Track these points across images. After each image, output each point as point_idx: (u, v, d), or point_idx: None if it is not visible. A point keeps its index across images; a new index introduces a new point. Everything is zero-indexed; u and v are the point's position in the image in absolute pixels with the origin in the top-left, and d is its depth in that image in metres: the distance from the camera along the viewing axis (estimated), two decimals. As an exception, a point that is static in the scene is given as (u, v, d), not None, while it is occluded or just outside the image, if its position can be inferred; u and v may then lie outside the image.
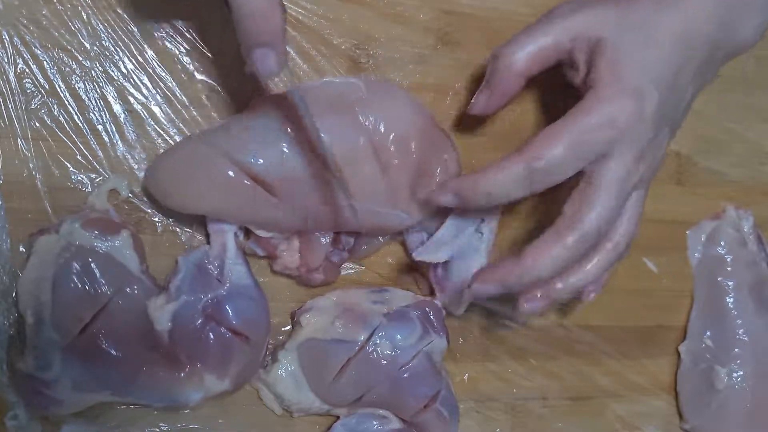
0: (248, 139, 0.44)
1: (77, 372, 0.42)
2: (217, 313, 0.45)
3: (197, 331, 0.45)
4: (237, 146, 0.44)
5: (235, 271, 0.46)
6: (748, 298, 0.58)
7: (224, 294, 0.46)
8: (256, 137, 0.44)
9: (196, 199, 0.45)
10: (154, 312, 0.44)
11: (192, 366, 0.45)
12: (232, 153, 0.44)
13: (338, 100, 0.46)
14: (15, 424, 0.44)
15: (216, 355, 0.45)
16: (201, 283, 0.46)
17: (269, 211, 0.45)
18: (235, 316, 0.45)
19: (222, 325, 0.45)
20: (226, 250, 0.46)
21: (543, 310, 0.45)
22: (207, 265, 0.46)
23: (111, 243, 0.44)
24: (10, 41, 0.44)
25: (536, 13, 0.54)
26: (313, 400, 0.48)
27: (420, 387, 0.48)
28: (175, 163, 0.45)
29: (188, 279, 0.45)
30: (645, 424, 0.58)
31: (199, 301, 0.45)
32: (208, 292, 0.45)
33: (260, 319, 0.47)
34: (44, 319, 0.42)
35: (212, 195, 0.44)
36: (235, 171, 0.44)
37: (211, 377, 0.45)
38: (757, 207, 0.60)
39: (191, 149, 0.45)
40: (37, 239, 0.44)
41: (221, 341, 0.45)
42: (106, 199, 0.46)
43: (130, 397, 0.44)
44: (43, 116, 0.45)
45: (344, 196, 0.45)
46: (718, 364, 0.56)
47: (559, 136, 0.42)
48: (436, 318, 0.49)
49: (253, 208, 0.45)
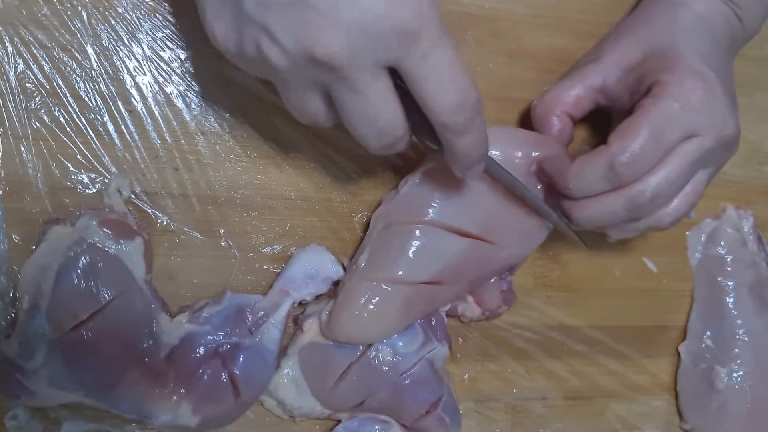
0: (434, 198, 0.47)
1: (57, 368, 0.42)
2: (229, 355, 0.45)
3: (200, 360, 0.45)
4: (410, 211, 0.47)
5: (270, 332, 0.47)
6: (748, 298, 0.58)
7: (247, 344, 0.46)
8: (438, 197, 0.47)
9: (382, 329, 0.47)
10: (168, 325, 0.44)
11: (176, 388, 0.44)
12: (390, 270, 0.47)
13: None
14: (15, 424, 0.44)
15: (203, 390, 0.45)
16: (232, 324, 0.46)
17: (443, 297, 0.49)
18: (243, 368, 0.45)
19: (226, 368, 0.45)
20: (277, 310, 0.47)
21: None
22: (247, 314, 0.46)
23: (123, 247, 0.44)
24: (11, 41, 0.44)
25: (536, 13, 0.54)
26: (314, 404, 0.48)
27: (421, 393, 0.49)
28: (355, 306, 0.46)
29: (224, 314, 0.46)
30: (645, 424, 0.58)
31: (218, 339, 0.45)
32: (232, 336, 0.46)
33: (260, 384, 0.47)
34: (40, 308, 0.42)
35: (393, 319, 0.47)
36: (395, 287, 0.46)
37: (187, 407, 0.45)
38: (757, 207, 0.60)
39: (362, 290, 0.46)
40: (52, 228, 0.44)
41: (215, 381, 0.45)
42: (122, 202, 0.46)
43: (104, 402, 0.44)
44: (43, 116, 0.45)
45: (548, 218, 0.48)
46: (718, 364, 0.56)
47: (637, 129, 0.43)
48: (438, 325, 0.50)
49: (429, 305, 0.49)
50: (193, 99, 0.47)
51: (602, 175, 0.44)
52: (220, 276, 0.48)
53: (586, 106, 0.49)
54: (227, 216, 0.48)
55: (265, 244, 0.49)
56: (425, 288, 0.47)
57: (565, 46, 0.55)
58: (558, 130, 0.49)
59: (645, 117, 0.44)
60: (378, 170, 0.51)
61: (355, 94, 0.37)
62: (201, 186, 0.48)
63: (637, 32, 0.48)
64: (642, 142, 0.43)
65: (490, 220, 0.47)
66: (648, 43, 0.47)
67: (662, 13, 0.49)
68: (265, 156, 0.49)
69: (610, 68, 0.48)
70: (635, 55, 0.47)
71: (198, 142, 0.48)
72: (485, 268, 0.49)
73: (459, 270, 0.48)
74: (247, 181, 0.49)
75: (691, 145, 0.44)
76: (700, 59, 0.45)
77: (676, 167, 0.44)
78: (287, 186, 0.49)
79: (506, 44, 0.54)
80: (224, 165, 0.48)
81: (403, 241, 0.47)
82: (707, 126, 0.44)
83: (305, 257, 0.48)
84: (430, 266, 0.47)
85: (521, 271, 0.54)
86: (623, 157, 0.43)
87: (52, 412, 0.45)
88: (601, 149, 0.44)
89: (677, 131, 0.43)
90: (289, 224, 0.49)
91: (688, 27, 0.47)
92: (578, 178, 0.44)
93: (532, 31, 0.54)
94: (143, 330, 0.44)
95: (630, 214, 0.45)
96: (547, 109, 0.49)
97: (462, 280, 0.48)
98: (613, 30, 0.52)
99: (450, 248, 0.47)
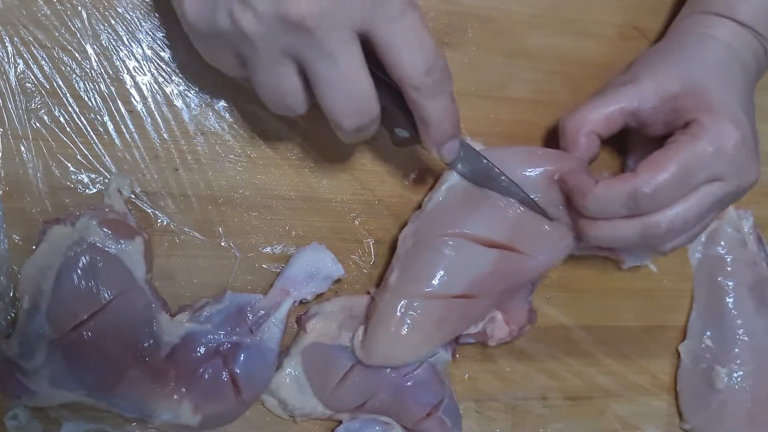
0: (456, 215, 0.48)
1: (58, 368, 0.42)
2: (230, 354, 0.45)
3: (201, 359, 0.45)
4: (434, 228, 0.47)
5: (270, 331, 0.47)
6: (748, 298, 0.58)
7: (248, 343, 0.46)
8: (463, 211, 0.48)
9: (419, 347, 0.47)
10: (168, 324, 0.44)
11: (177, 387, 0.44)
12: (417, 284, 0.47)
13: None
14: (15, 424, 0.44)
15: (203, 389, 0.45)
16: (233, 323, 0.46)
17: (475, 312, 0.49)
18: (243, 367, 0.46)
19: (226, 367, 0.45)
20: (277, 309, 0.47)
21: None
22: (248, 313, 0.46)
23: (123, 246, 0.44)
24: (11, 41, 0.44)
25: (536, 13, 0.54)
26: (316, 405, 0.48)
27: (423, 395, 0.49)
28: (390, 324, 0.46)
29: (224, 314, 0.46)
30: (645, 424, 0.58)
31: (218, 338, 0.45)
32: (233, 335, 0.46)
33: (261, 383, 0.47)
34: (40, 308, 0.42)
35: (429, 336, 0.47)
36: (428, 302, 0.46)
37: (188, 406, 0.45)
38: (757, 207, 0.60)
39: (397, 306, 0.46)
40: (51, 227, 0.44)
41: (216, 380, 0.45)
42: (123, 202, 0.46)
43: (105, 402, 0.44)
44: (43, 116, 0.45)
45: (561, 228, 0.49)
46: (718, 364, 0.56)
47: (667, 164, 0.44)
48: None
49: (463, 320, 0.49)
50: (193, 99, 0.47)
51: (623, 203, 0.44)
52: (220, 276, 0.48)
53: (615, 127, 0.50)
54: (227, 216, 0.48)
55: (265, 243, 0.49)
56: (458, 302, 0.47)
57: (564, 46, 0.55)
58: (585, 149, 0.49)
59: (678, 155, 0.44)
60: (378, 170, 0.51)
61: (328, 60, 0.37)
62: (201, 186, 0.48)
63: (675, 62, 0.49)
64: (669, 178, 0.43)
65: (516, 230, 0.48)
66: (684, 75, 0.48)
67: (696, 46, 0.49)
68: (264, 156, 0.49)
69: (648, 94, 0.48)
70: (673, 86, 0.47)
71: (198, 142, 0.48)
72: (514, 279, 0.49)
73: (489, 282, 0.48)
74: (247, 181, 0.49)
75: (713, 187, 0.45)
76: (736, 101, 0.46)
77: (695, 206, 0.45)
78: (287, 186, 0.49)
79: (506, 44, 0.54)
80: (224, 165, 0.48)
81: (433, 255, 0.47)
82: (733, 173, 0.45)
83: (305, 256, 0.48)
84: (461, 279, 0.47)
85: (521, 271, 0.55)
86: (647, 188, 0.43)
87: (52, 412, 0.45)
88: (627, 177, 0.44)
89: (705, 174, 0.44)
90: (289, 224, 0.49)
91: (723, 64, 0.48)
92: (598, 200, 0.45)
93: (532, 31, 0.54)
94: (143, 329, 0.44)
95: (642, 241, 0.45)
96: (576, 127, 0.49)
97: (492, 292, 0.48)
98: (646, 54, 0.52)
99: (480, 260, 0.47)
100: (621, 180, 0.44)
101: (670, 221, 0.44)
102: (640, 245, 0.47)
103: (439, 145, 0.43)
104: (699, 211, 0.45)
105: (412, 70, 0.39)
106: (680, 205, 0.44)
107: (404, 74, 0.39)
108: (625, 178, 0.44)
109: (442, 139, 0.43)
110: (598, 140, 0.50)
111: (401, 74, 0.39)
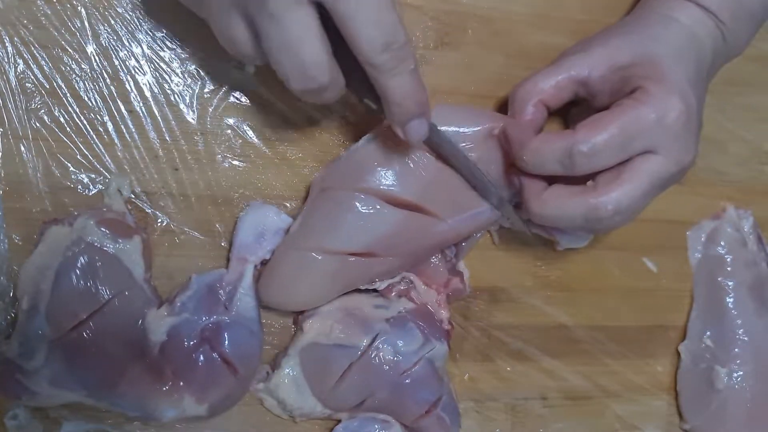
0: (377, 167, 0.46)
1: (58, 368, 0.42)
2: (214, 337, 0.45)
3: (190, 350, 0.45)
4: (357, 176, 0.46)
5: (243, 302, 0.46)
6: (748, 298, 0.58)
7: (227, 321, 0.46)
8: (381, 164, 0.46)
9: (312, 298, 0.47)
10: (153, 322, 0.44)
11: (175, 383, 0.44)
12: (324, 242, 0.46)
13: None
14: (15, 423, 0.44)
15: (201, 378, 0.45)
16: (207, 305, 0.46)
17: (377, 270, 0.48)
18: (231, 345, 0.45)
19: (215, 351, 0.45)
20: (242, 279, 0.47)
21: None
22: (218, 289, 0.46)
23: (121, 246, 0.44)
24: (11, 41, 0.44)
25: (536, 12, 0.54)
26: (314, 404, 0.48)
27: (422, 392, 0.48)
28: (282, 275, 0.46)
29: (196, 298, 0.46)
30: (645, 424, 0.58)
31: (200, 322, 0.45)
32: (211, 315, 0.46)
33: (253, 355, 0.47)
34: (39, 308, 0.42)
35: (323, 288, 0.47)
36: (325, 256, 0.45)
37: (191, 399, 0.45)
38: (757, 207, 0.60)
39: (290, 259, 0.46)
40: (50, 228, 0.44)
41: (210, 366, 0.45)
42: (122, 201, 0.46)
43: (106, 401, 0.44)
44: (43, 116, 0.45)
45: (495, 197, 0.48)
46: (718, 364, 0.56)
47: (607, 125, 0.43)
48: (437, 324, 0.49)
49: (362, 276, 0.48)
50: (193, 99, 0.47)
51: (558, 158, 0.44)
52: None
53: (564, 97, 0.49)
54: (226, 216, 0.48)
55: (264, 243, 0.49)
56: (357, 259, 0.46)
57: (564, 46, 0.55)
58: (531, 118, 0.48)
59: (619, 117, 0.43)
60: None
61: (272, 21, 0.37)
62: (200, 186, 0.48)
63: (630, 35, 0.48)
64: (607, 138, 0.43)
65: (430, 190, 0.46)
66: (639, 49, 0.47)
67: (656, 25, 0.49)
68: (264, 156, 0.49)
69: (598, 62, 0.47)
70: (625, 57, 0.47)
71: (198, 142, 0.48)
72: (421, 241, 0.48)
73: (393, 242, 0.46)
74: (247, 181, 0.49)
75: (652, 163, 0.44)
76: (686, 80, 0.45)
77: (640, 186, 0.44)
78: (286, 186, 0.49)
79: (506, 44, 0.54)
80: (223, 165, 0.48)
81: (335, 208, 0.46)
82: (671, 149, 0.44)
83: (249, 218, 0.47)
84: (362, 236, 0.46)
85: (521, 270, 0.55)
86: (584, 146, 0.43)
87: (52, 412, 0.45)
88: (567, 133, 0.44)
89: (643, 142, 0.43)
90: (288, 224, 0.49)
91: (679, 45, 0.47)
92: (535, 152, 0.44)
93: (531, 31, 0.54)
94: (142, 327, 0.44)
95: (587, 224, 0.45)
96: (525, 96, 0.48)
97: (396, 252, 0.47)
98: (605, 29, 0.52)
99: (385, 218, 0.46)
100: (559, 136, 0.44)
101: (616, 202, 0.43)
102: (584, 228, 0.46)
103: (401, 124, 0.42)
104: (645, 191, 0.44)
105: (368, 46, 0.38)
106: (626, 185, 0.44)
107: (361, 50, 0.38)
108: (564, 134, 0.44)
109: (402, 117, 0.41)
110: (545, 110, 0.49)
111: (358, 50, 0.38)
